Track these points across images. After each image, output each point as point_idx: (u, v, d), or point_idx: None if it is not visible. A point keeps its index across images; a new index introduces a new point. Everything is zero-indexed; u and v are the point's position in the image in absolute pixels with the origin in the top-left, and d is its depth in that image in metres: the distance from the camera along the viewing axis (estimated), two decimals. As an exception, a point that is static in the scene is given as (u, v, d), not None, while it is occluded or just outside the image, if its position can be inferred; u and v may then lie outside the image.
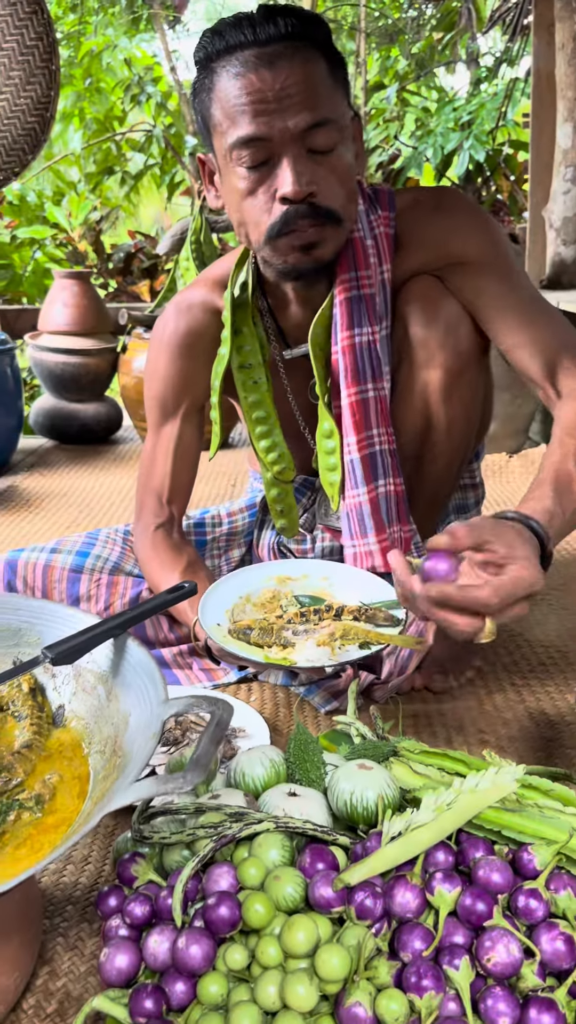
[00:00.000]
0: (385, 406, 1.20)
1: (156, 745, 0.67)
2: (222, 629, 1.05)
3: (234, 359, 1.25)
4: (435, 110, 5.51)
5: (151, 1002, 0.65)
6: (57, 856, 0.58)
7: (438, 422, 1.21)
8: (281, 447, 1.30)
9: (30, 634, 0.87)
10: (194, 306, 1.28)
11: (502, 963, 0.63)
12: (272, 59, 1.01)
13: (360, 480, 1.19)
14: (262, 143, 1.03)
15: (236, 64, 1.02)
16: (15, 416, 2.55)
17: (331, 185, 1.05)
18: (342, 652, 0.99)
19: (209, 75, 1.06)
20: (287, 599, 1.09)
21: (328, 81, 1.05)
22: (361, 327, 1.17)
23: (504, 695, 1.23)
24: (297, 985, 0.61)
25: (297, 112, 1.01)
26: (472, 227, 1.17)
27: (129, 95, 6.05)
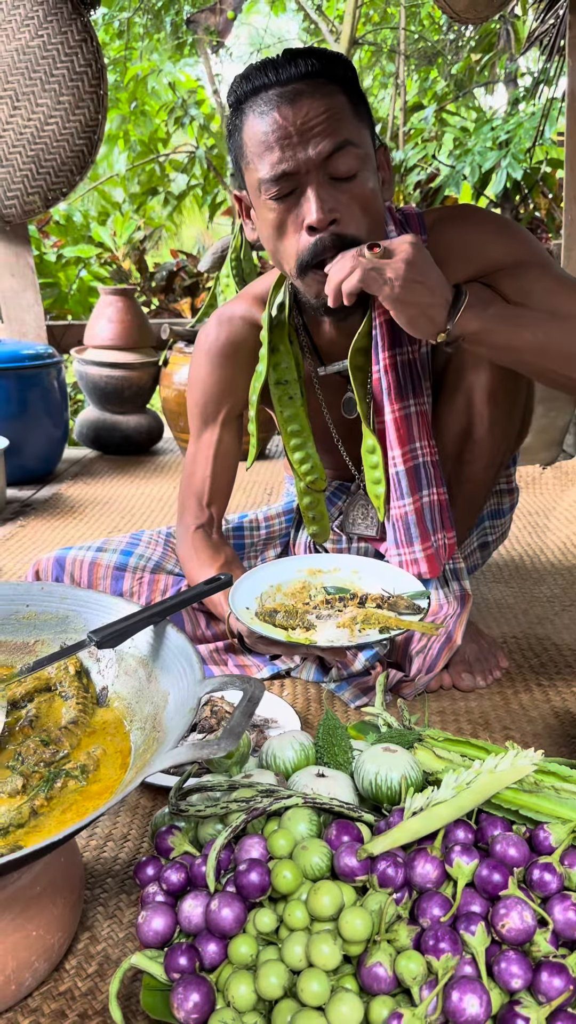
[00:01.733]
0: (426, 420, 1.24)
1: (192, 719, 0.71)
2: (250, 612, 1.10)
3: (271, 376, 1.30)
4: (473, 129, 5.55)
5: (185, 959, 0.69)
6: (102, 813, 0.63)
7: (481, 422, 1.24)
8: (314, 459, 1.35)
9: (76, 621, 0.93)
10: (235, 318, 1.34)
11: (516, 929, 0.66)
12: (294, 96, 1.07)
13: (406, 491, 1.23)
14: (287, 176, 1.08)
15: (261, 103, 1.08)
16: (61, 427, 2.63)
17: (354, 212, 1.09)
18: (362, 635, 1.04)
19: (239, 116, 1.12)
20: (316, 589, 1.14)
21: (349, 112, 1.09)
22: (402, 346, 1.21)
23: (530, 695, 1.26)
24: (322, 945, 0.65)
25: (318, 140, 1.06)
26: (500, 233, 1.21)
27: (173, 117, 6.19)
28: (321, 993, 0.64)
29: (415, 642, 1.26)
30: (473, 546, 1.48)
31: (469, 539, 1.45)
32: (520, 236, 1.22)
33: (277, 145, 1.07)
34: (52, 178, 2.70)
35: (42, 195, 2.72)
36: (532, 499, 2.33)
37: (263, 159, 1.08)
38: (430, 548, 1.24)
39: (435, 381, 1.27)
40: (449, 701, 1.25)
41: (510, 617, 1.55)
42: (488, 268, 1.21)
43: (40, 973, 0.73)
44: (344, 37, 6.12)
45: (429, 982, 0.65)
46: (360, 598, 1.09)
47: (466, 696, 1.26)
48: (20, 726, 0.84)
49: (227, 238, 2.77)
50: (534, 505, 2.28)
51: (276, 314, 1.27)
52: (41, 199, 2.73)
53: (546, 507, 2.26)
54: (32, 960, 0.71)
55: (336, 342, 1.28)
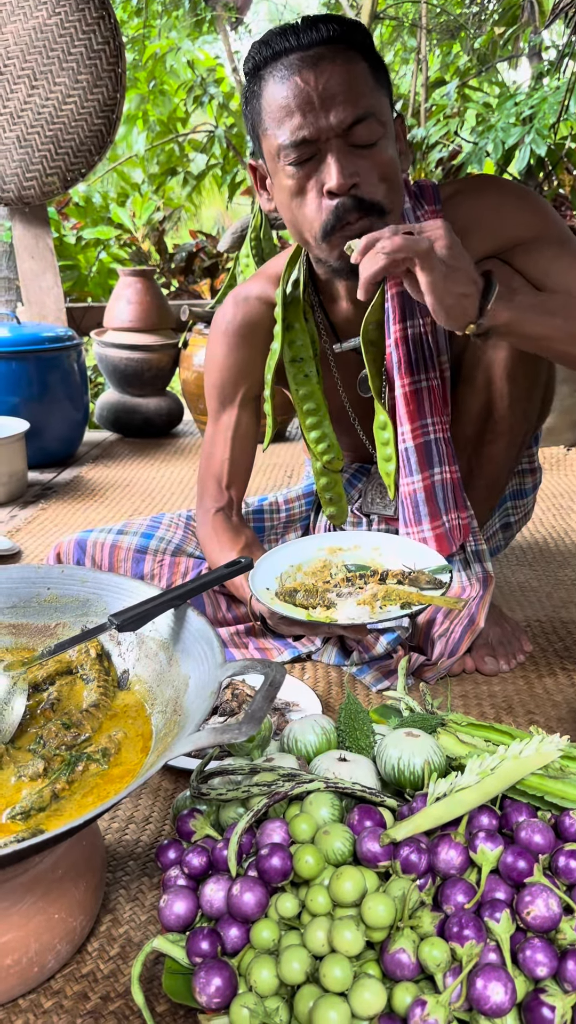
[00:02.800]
0: (439, 395, 1.22)
1: (213, 703, 0.71)
2: (270, 592, 1.09)
3: (286, 353, 1.29)
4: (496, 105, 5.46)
5: (207, 944, 0.69)
6: (123, 797, 0.63)
7: (501, 401, 1.23)
8: (330, 438, 1.34)
9: (97, 604, 0.92)
10: (251, 298, 1.32)
11: (541, 917, 0.65)
12: (315, 61, 1.06)
13: (415, 468, 1.22)
14: (308, 142, 1.07)
15: (281, 68, 1.07)
16: (81, 410, 2.63)
17: (373, 178, 1.08)
18: (383, 611, 1.02)
19: (257, 82, 1.11)
20: (337, 568, 1.13)
21: (370, 80, 1.08)
22: (414, 319, 1.20)
23: (555, 679, 1.25)
24: (344, 931, 0.65)
25: (340, 108, 1.05)
26: (519, 206, 1.19)
27: (192, 96, 6.13)
28: (344, 979, 0.63)
29: (437, 625, 1.25)
30: (495, 527, 1.46)
31: (491, 520, 1.44)
32: (540, 209, 1.20)
33: (298, 110, 1.06)
34: (71, 158, 2.68)
35: (61, 176, 2.71)
36: (556, 481, 2.30)
37: (283, 124, 1.07)
38: (440, 527, 1.23)
39: (454, 358, 1.25)
40: (472, 685, 1.24)
41: (534, 600, 1.53)
42: (507, 243, 1.19)
43: (63, 955, 0.73)
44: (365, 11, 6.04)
45: (453, 969, 0.64)
46: (381, 574, 1.07)
47: (489, 680, 1.25)
48: (42, 709, 0.84)
49: (247, 217, 2.75)
50: (558, 487, 2.25)
51: (290, 291, 1.26)
52: (60, 180, 2.72)
53: (571, 488, 2.23)
54: (54, 943, 0.72)
55: (351, 319, 1.27)
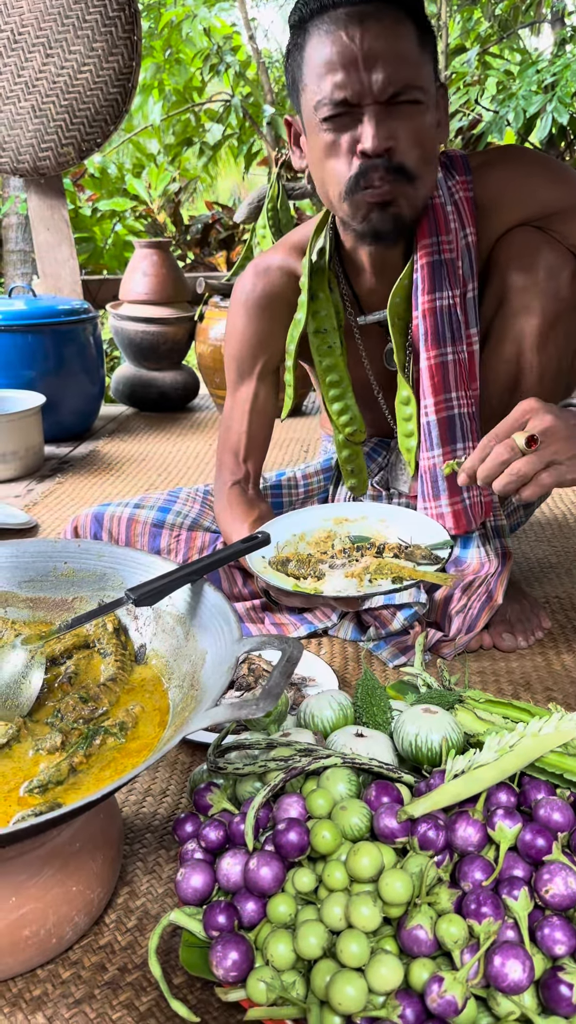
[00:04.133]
0: (465, 370, 1.21)
1: (230, 678, 0.70)
2: (264, 560, 1.08)
3: (309, 324, 1.27)
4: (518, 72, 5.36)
5: (224, 917, 0.69)
6: (140, 772, 0.63)
7: (530, 371, 1.21)
8: (353, 410, 1.32)
9: (114, 578, 0.92)
10: (272, 269, 1.31)
11: (560, 895, 0.65)
12: (362, 17, 1.03)
13: (436, 443, 1.21)
14: (347, 101, 1.05)
15: (327, 22, 1.05)
16: (97, 384, 2.62)
17: (408, 143, 1.07)
18: (372, 585, 1.02)
19: (301, 35, 1.09)
20: (340, 538, 1.12)
21: (416, 46, 1.06)
22: (442, 291, 1.18)
23: (573, 656, 1.24)
24: (362, 906, 0.65)
25: (383, 73, 1.03)
26: (550, 176, 1.18)
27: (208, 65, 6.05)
28: (361, 954, 0.63)
29: (455, 601, 1.24)
30: (517, 503, 1.45)
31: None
32: (570, 178, 1.18)
33: (341, 68, 1.04)
34: (86, 128, 2.65)
35: (76, 146, 2.68)
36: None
37: (323, 80, 1.06)
38: (459, 503, 1.21)
39: (483, 330, 1.23)
40: (489, 661, 1.23)
41: (553, 577, 1.52)
42: (539, 213, 1.17)
43: (80, 927, 0.74)
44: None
45: (470, 946, 0.64)
46: (378, 547, 1.06)
47: (507, 657, 1.25)
48: (59, 683, 0.84)
49: (263, 188, 2.71)
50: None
51: (316, 260, 1.24)
52: (75, 150, 2.69)
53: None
54: (72, 915, 0.72)
55: (377, 290, 1.25)
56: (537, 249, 1.17)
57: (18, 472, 2.21)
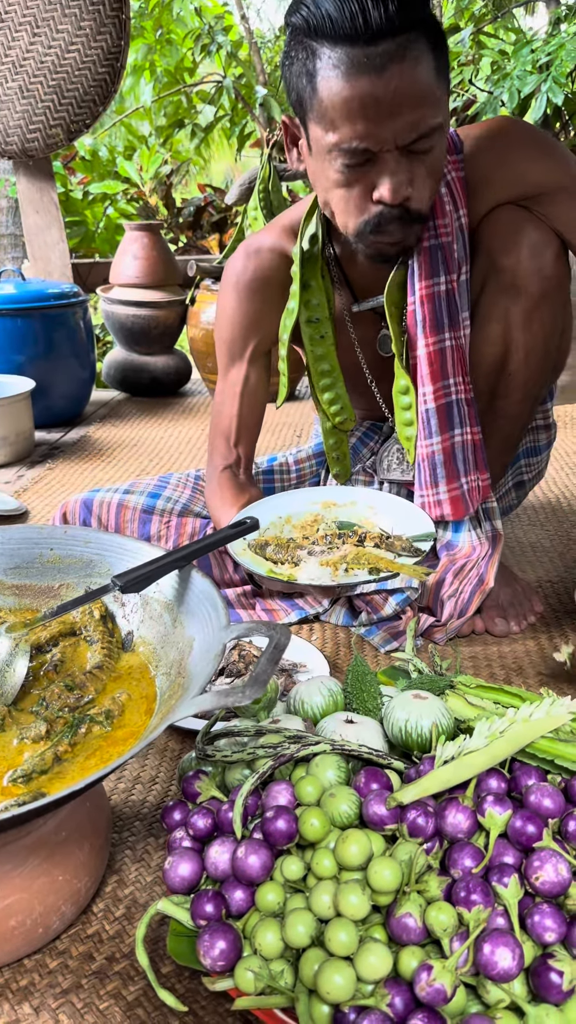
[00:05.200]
0: (462, 355, 1.19)
1: (217, 665, 0.69)
2: (244, 542, 1.07)
3: (302, 313, 1.25)
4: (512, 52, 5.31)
5: (211, 906, 0.69)
6: (124, 761, 0.62)
7: (516, 351, 1.20)
8: (343, 399, 1.31)
9: (101, 565, 0.91)
10: (263, 250, 1.29)
11: (550, 882, 0.64)
12: (383, 63, 0.95)
13: (435, 430, 1.20)
14: (368, 149, 1.01)
15: (343, 61, 0.97)
16: (88, 368, 2.60)
17: (425, 186, 1.05)
18: (347, 575, 1.00)
19: (310, 57, 1.00)
20: (326, 523, 1.10)
21: (434, 78, 0.99)
22: (439, 276, 1.17)
23: (566, 640, 1.23)
24: (350, 894, 0.64)
25: (405, 123, 0.98)
26: (542, 154, 1.15)
27: (199, 45, 5.98)
28: (349, 943, 0.63)
29: (447, 586, 1.23)
30: (508, 486, 1.44)
31: (504, 478, 1.41)
32: (562, 157, 1.16)
33: (361, 119, 0.98)
34: (75, 109, 2.62)
35: (65, 127, 2.65)
36: (572, 439, 2.27)
37: (341, 127, 1.00)
38: (457, 489, 1.20)
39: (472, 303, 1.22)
40: (482, 646, 1.23)
41: (546, 561, 1.51)
42: (529, 192, 1.15)
43: (67, 917, 0.73)
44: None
45: (460, 934, 0.63)
46: (359, 536, 1.05)
47: (499, 641, 1.24)
48: (44, 671, 0.83)
49: (255, 169, 2.68)
50: (574, 445, 2.22)
51: (308, 247, 1.22)
52: (64, 131, 2.66)
53: (583, 447, 2.20)
54: (59, 904, 0.71)
55: (370, 276, 1.23)
56: (521, 228, 1.15)
57: (8, 458, 2.19)
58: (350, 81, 0.97)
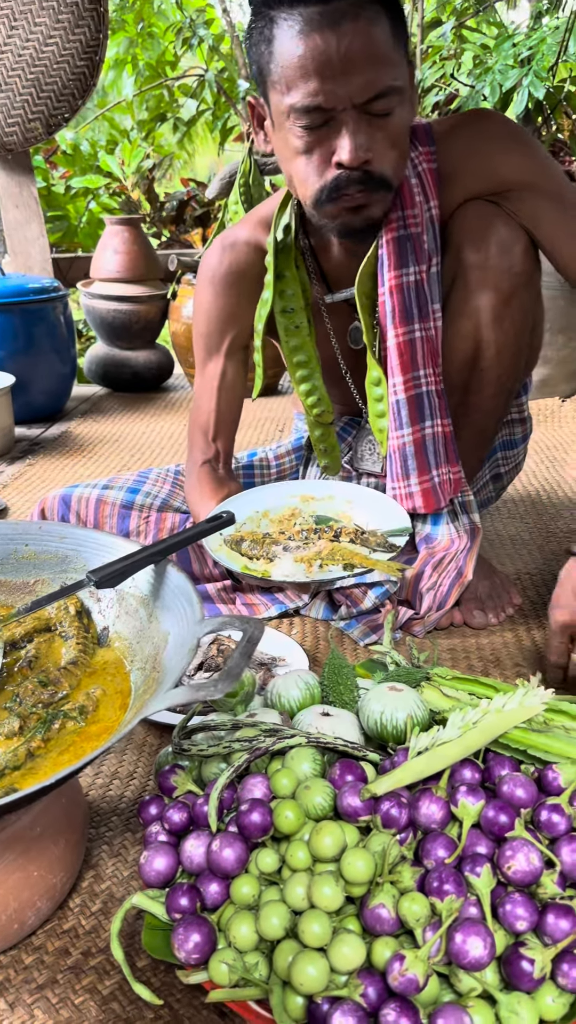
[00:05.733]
0: (432, 346, 1.19)
1: (191, 659, 0.69)
2: (220, 538, 1.07)
3: (276, 303, 1.25)
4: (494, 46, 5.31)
5: (186, 900, 0.69)
6: (99, 754, 0.62)
7: (487, 347, 1.20)
8: (320, 391, 1.31)
9: (76, 561, 0.91)
10: (238, 243, 1.28)
11: (522, 871, 0.65)
12: (336, 19, 0.97)
13: (405, 421, 1.20)
14: (321, 108, 1.01)
15: (297, 19, 0.98)
16: (69, 364, 2.59)
17: (386, 150, 1.05)
18: (321, 572, 1.01)
19: (268, 24, 1.02)
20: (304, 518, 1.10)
21: (391, 41, 1.01)
22: (408, 267, 1.17)
23: (543, 631, 1.24)
24: (323, 886, 0.64)
25: (360, 80, 0.99)
26: (513, 149, 1.15)
27: (181, 39, 5.95)
28: (322, 934, 0.63)
29: (425, 579, 1.23)
30: (485, 478, 1.44)
31: (481, 472, 1.42)
32: (535, 154, 1.16)
33: (315, 75, 0.98)
34: (53, 102, 2.60)
35: (44, 121, 2.63)
36: (550, 432, 2.28)
37: (296, 86, 1.00)
38: (427, 482, 1.21)
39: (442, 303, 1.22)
40: (460, 639, 1.23)
41: (524, 553, 1.52)
42: (498, 187, 1.15)
43: (43, 912, 0.73)
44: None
45: (433, 924, 0.64)
46: (335, 531, 1.05)
47: (477, 634, 1.24)
48: (19, 667, 0.83)
49: (235, 163, 2.67)
50: (552, 439, 2.23)
51: (281, 237, 1.22)
52: (43, 125, 2.64)
53: (565, 441, 2.20)
54: (34, 900, 0.71)
55: (345, 266, 1.23)
56: (490, 224, 1.15)
57: (-11, 454, 2.18)
58: (304, 38, 0.98)
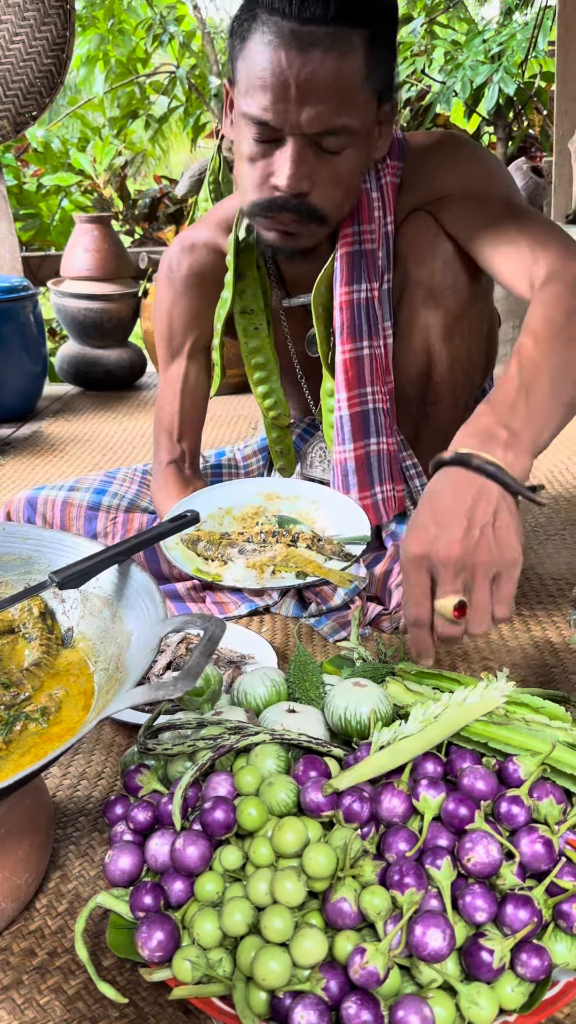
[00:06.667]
0: (381, 364, 1.18)
1: (152, 658, 0.70)
2: (177, 537, 1.05)
3: (236, 303, 1.24)
4: (465, 42, 5.33)
5: (150, 898, 0.69)
6: (58, 755, 0.62)
7: (439, 362, 1.19)
8: (278, 393, 1.30)
9: (40, 562, 0.90)
10: (197, 245, 1.27)
11: (482, 863, 0.65)
12: (307, 43, 0.94)
13: (347, 437, 1.18)
14: (271, 127, 0.99)
15: (272, 31, 0.95)
16: (39, 363, 2.57)
17: (328, 187, 1.02)
18: (274, 578, 0.99)
19: (250, 20, 0.98)
20: (267, 517, 1.10)
21: (360, 81, 0.98)
22: (360, 283, 1.15)
23: (511, 625, 1.25)
24: (285, 881, 0.65)
25: (312, 112, 0.96)
26: (460, 161, 1.13)
27: (152, 35, 5.93)
28: (284, 929, 0.63)
29: (394, 575, 1.24)
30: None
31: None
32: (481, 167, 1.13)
33: (271, 91, 0.96)
34: (20, 100, 2.58)
35: (11, 119, 2.61)
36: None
37: (252, 95, 0.99)
38: (369, 498, 1.20)
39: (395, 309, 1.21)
40: (429, 633, 1.24)
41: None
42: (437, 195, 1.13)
43: (8, 913, 0.73)
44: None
45: (394, 917, 0.64)
46: (293, 536, 1.04)
47: (446, 628, 1.25)
48: (-18, 669, 0.83)
49: (204, 160, 2.67)
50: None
51: (243, 236, 1.22)
52: (10, 123, 2.62)
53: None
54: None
55: (303, 272, 1.23)
56: (434, 239, 1.14)
57: (-41, 455, 2.17)
58: (271, 51, 0.95)
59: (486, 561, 0.74)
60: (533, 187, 2.54)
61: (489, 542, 0.73)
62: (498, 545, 0.74)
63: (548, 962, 0.63)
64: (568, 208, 2.80)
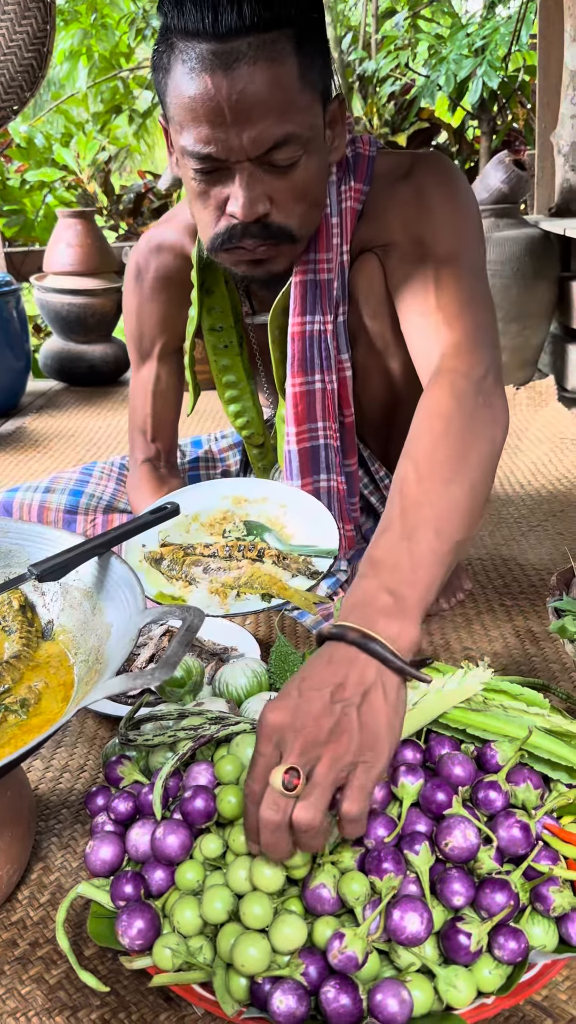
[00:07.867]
0: (332, 399, 1.12)
1: (131, 648, 0.70)
2: (144, 550, 1.01)
3: (204, 320, 1.18)
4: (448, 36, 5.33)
5: (131, 887, 0.69)
6: (35, 746, 0.62)
7: (404, 402, 1.14)
8: (250, 412, 1.26)
9: (20, 555, 0.90)
10: (164, 248, 1.22)
11: (459, 848, 0.66)
12: (230, 61, 0.85)
13: (295, 472, 1.15)
14: (214, 159, 0.91)
15: (191, 57, 0.87)
16: (23, 359, 2.57)
17: (289, 203, 0.95)
18: (238, 602, 0.95)
19: (168, 51, 0.90)
20: (236, 523, 1.05)
21: (297, 83, 0.89)
22: (314, 315, 1.09)
23: (493, 615, 1.26)
24: (264, 868, 0.65)
25: (253, 132, 0.88)
26: (422, 203, 1.03)
27: (134, 29, 5.91)
28: (263, 916, 0.64)
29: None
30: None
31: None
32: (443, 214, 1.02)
33: (205, 122, 0.88)
34: (1, 95, 2.57)
35: (-8, 113, 2.59)
36: (504, 419, 2.30)
37: (188, 129, 0.90)
38: None
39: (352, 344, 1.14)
40: (411, 623, 1.24)
41: (476, 539, 1.54)
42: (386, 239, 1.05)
43: (-11, 905, 0.73)
44: None
45: (372, 902, 0.65)
46: (258, 551, 1.00)
47: (428, 619, 1.26)
48: (-37, 662, 0.83)
49: (188, 155, 2.66)
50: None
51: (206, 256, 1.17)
52: (-9, 118, 2.60)
53: (518, 428, 2.23)
54: (-21, 893, 0.71)
55: (267, 289, 1.15)
56: (380, 292, 1.07)
57: (-58, 451, 2.16)
58: (195, 78, 0.87)
59: (339, 747, 0.60)
60: (515, 181, 2.55)
61: (350, 726, 0.61)
62: (361, 731, 0.61)
63: (525, 945, 0.63)
64: (551, 201, 2.81)
